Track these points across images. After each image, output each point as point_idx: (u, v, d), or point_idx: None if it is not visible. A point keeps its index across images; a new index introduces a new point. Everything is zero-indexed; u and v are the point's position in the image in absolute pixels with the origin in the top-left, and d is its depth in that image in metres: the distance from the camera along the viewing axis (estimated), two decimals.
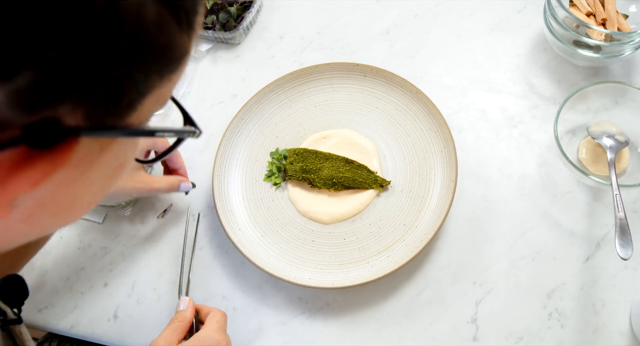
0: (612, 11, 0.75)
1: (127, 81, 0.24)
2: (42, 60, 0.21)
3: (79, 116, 0.23)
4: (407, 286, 0.69)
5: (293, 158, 0.73)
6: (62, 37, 0.21)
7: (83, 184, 0.28)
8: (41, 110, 0.22)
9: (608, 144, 0.71)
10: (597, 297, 0.67)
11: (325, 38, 0.86)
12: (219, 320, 0.58)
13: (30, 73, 0.21)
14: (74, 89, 0.22)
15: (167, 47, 0.25)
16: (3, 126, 0.22)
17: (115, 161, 0.30)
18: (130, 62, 0.24)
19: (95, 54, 0.22)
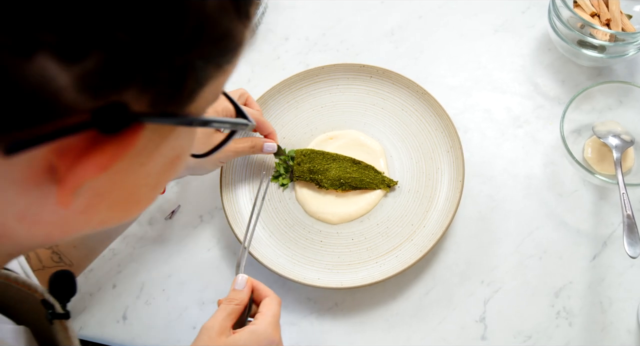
0: (616, 11, 0.76)
1: (189, 68, 0.24)
2: (111, 42, 0.21)
3: (144, 102, 0.23)
4: (415, 286, 0.69)
5: (300, 159, 0.73)
6: (131, 18, 0.21)
7: (140, 176, 0.28)
8: (108, 94, 0.22)
9: (614, 143, 0.71)
10: (605, 295, 0.67)
11: (331, 39, 0.87)
12: (275, 313, 0.55)
13: (99, 56, 0.21)
14: (141, 73, 0.22)
15: (225, 35, 0.25)
16: (71, 111, 0.21)
17: (172, 152, 0.29)
18: (192, 48, 0.23)
19: (161, 37, 0.22)
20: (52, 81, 0.20)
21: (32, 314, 0.43)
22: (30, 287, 0.43)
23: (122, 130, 0.23)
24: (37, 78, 0.20)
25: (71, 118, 0.21)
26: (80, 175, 0.23)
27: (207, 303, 0.70)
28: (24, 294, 0.43)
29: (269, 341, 0.52)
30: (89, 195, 0.26)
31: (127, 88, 0.22)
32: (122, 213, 0.30)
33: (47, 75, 0.20)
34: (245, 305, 0.56)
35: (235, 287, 0.57)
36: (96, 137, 0.23)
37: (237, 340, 0.52)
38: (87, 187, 0.25)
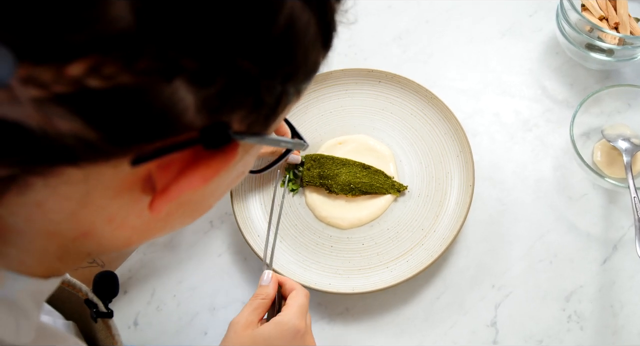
0: (625, 15, 0.76)
1: (284, 94, 0.26)
2: (234, 69, 0.23)
3: (246, 123, 0.26)
4: (426, 291, 0.69)
5: (310, 164, 0.73)
6: (254, 48, 0.23)
7: (214, 188, 0.30)
8: (221, 115, 0.24)
9: (624, 147, 0.71)
10: (616, 299, 0.67)
11: (338, 44, 0.86)
12: (301, 304, 0.55)
13: (222, 81, 0.23)
14: (252, 98, 0.24)
15: (314, 65, 0.28)
16: (185, 128, 0.23)
17: (242, 167, 0.31)
18: (293, 77, 0.26)
19: (274, 66, 0.24)
20: (180, 102, 0.22)
21: (75, 314, 0.45)
22: (74, 287, 0.44)
23: (224, 147, 0.25)
24: (169, 99, 0.22)
25: (184, 135, 0.23)
26: (184, 186, 0.25)
27: (218, 308, 0.70)
28: (68, 293, 0.44)
29: (294, 330, 0.53)
30: (173, 204, 0.27)
31: (238, 110, 0.25)
32: (189, 218, 0.32)
33: (178, 97, 0.22)
34: (271, 299, 0.57)
35: (262, 283, 0.58)
36: (199, 152, 0.25)
37: (262, 332, 0.52)
38: None
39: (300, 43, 0.25)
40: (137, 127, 0.22)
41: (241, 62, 0.23)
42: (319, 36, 0.26)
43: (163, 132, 0.23)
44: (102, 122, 0.21)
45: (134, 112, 0.21)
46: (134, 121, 0.21)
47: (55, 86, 0.19)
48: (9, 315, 0.27)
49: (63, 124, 0.20)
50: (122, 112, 0.21)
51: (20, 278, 0.28)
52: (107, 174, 0.24)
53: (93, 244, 0.28)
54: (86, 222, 0.26)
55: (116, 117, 0.21)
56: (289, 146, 0.34)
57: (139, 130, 0.22)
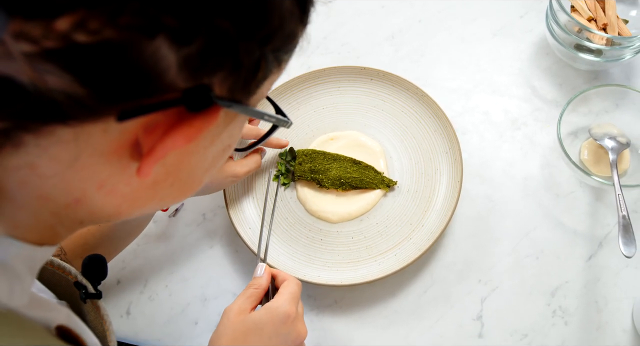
0: (613, 16, 0.77)
1: (263, 59, 0.27)
2: (213, 29, 0.23)
3: (226, 86, 0.26)
4: (413, 284, 0.70)
5: (302, 159, 0.74)
6: (231, 8, 0.24)
7: (202, 158, 0.31)
8: (202, 76, 0.25)
9: (610, 146, 0.72)
10: (600, 295, 0.68)
11: (332, 43, 0.88)
12: (292, 291, 0.57)
13: (202, 40, 0.23)
14: (231, 59, 0.25)
15: (291, 34, 0.28)
16: (169, 88, 0.24)
17: (228, 140, 0.32)
18: (270, 41, 0.27)
19: (252, 27, 0.25)
20: (162, 60, 0.23)
21: (66, 296, 0.45)
22: (64, 270, 0.45)
23: (205, 110, 0.26)
24: (152, 56, 0.23)
25: (167, 95, 0.25)
26: (168, 145, 0.26)
27: (210, 299, 0.71)
28: (58, 277, 0.45)
29: (284, 315, 0.54)
30: (160, 171, 0.29)
31: (218, 71, 0.25)
32: (178, 192, 0.32)
33: (160, 55, 0.23)
34: (264, 289, 0.59)
35: (255, 275, 0.60)
36: (182, 114, 0.26)
37: (253, 317, 0.54)
38: (161, 164, 0.28)
39: (276, 8, 0.26)
40: (122, 84, 0.23)
41: (219, 21, 0.24)
42: (295, 7, 0.27)
43: (147, 89, 0.24)
44: (89, 78, 0.22)
45: (119, 68, 0.22)
46: (119, 77, 0.23)
47: (45, 41, 0.21)
48: (2, 277, 0.28)
49: (53, 80, 0.22)
50: (107, 68, 0.22)
51: (14, 243, 0.29)
52: (96, 136, 0.25)
53: (85, 211, 0.29)
54: (77, 188, 0.27)
55: (102, 73, 0.22)
56: (272, 121, 0.34)
57: (124, 87, 0.23)
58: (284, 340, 0.54)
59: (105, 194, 0.28)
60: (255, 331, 0.54)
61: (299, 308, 0.57)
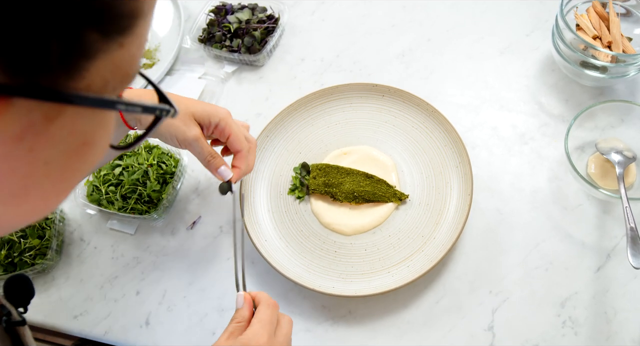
0: (617, 34, 0.80)
1: (46, 33, 0.21)
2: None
3: (12, 73, 0.21)
4: (426, 295, 0.72)
5: (316, 173, 0.77)
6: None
7: (34, 164, 0.25)
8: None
9: (616, 160, 0.74)
10: (609, 306, 0.70)
11: (344, 60, 0.91)
12: (262, 318, 0.55)
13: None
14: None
15: (108, 7, 0.23)
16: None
17: (74, 137, 0.26)
18: (44, 6, 0.21)
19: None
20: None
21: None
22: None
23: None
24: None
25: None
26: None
27: (226, 309, 0.73)
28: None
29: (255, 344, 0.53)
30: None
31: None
32: (24, 209, 0.27)
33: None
34: (247, 320, 0.56)
35: (237, 307, 0.58)
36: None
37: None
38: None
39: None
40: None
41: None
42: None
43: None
44: None
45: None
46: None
47: None
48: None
49: None
50: None
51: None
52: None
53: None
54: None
55: None
56: (137, 110, 0.27)
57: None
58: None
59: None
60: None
61: (278, 330, 0.56)
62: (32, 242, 0.74)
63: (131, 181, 0.76)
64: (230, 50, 0.90)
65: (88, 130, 0.26)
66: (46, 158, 0.25)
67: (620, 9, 0.83)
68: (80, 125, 0.26)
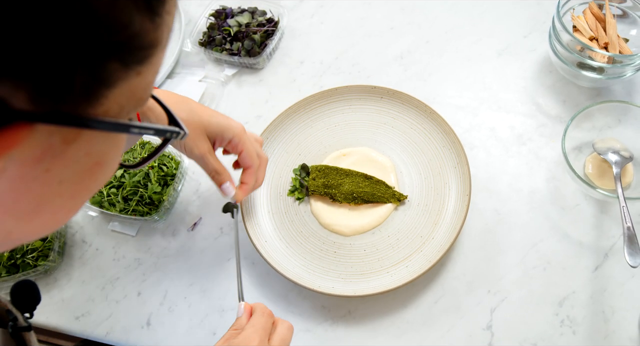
0: (614, 35, 0.81)
1: (72, 63, 0.22)
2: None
3: (23, 99, 0.22)
4: (424, 295, 0.72)
5: (315, 175, 0.77)
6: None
7: (49, 183, 0.26)
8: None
9: (613, 159, 0.75)
10: (607, 305, 0.70)
11: (343, 63, 0.92)
12: (254, 324, 0.56)
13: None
14: (7, 67, 0.21)
15: (120, 29, 0.23)
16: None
17: (89, 158, 0.27)
18: (72, 40, 0.22)
19: (27, 27, 0.20)
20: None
21: (4, 323, 0.44)
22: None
23: (3, 128, 0.22)
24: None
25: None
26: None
27: (227, 310, 0.73)
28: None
29: None
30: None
31: (7, 82, 0.21)
32: (35, 225, 0.28)
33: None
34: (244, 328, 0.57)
35: (238, 316, 0.59)
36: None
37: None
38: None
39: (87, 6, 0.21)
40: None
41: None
42: (131, 4, 0.23)
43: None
44: None
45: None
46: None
47: None
48: None
49: None
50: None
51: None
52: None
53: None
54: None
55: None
56: (150, 133, 0.29)
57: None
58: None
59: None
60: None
61: (276, 333, 0.57)
62: (35, 244, 0.75)
63: (132, 183, 0.77)
64: (230, 53, 0.91)
65: (102, 151, 0.28)
66: (61, 178, 0.26)
67: (617, 11, 0.84)
68: (95, 147, 0.27)
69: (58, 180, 0.26)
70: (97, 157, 0.28)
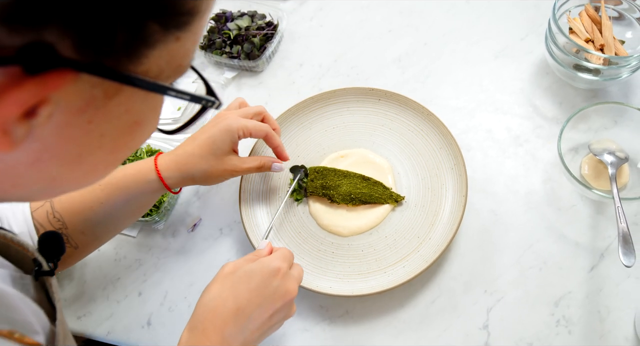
0: (610, 37, 0.81)
1: (114, 17, 0.24)
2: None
3: (69, 47, 0.24)
4: (421, 295, 0.73)
5: (314, 176, 0.78)
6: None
7: (91, 134, 0.28)
8: (26, 32, 0.23)
9: (609, 160, 0.76)
10: (603, 305, 0.71)
11: (342, 65, 0.93)
12: (284, 253, 0.61)
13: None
14: (57, 13, 0.23)
15: (174, 5, 0.26)
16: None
17: (128, 116, 0.29)
18: (129, 6, 0.24)
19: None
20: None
21: (30, 271, 0.47)
22: (24, 246, 0.47)
23: (47, 72, 0.24)
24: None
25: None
26: (1, 112, 0.24)
27: None
28: (22, 255, 0.47)
29: (274, 268, 0.58)
30: (37, 147, 0.27)
31: (44, 26, 0.23)
32: (77, 174, 0.30)
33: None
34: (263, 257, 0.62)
35: (258, 248, 0.64)
36: (20, 75, 0.23)
37: (244, 267, 0.58)
38: (33, 138, 0.26)
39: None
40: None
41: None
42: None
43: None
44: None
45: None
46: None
47: None
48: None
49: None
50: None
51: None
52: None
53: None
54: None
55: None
56: (187, 99, 0.31)
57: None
58: (272, 292, 0.57)
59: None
60: (244, 280, 0.57)
61: (293, 271, 0.61)
62: None
63: None
64: (230, 56, 0.92)
65: (140, 110, 0.30)
66: (102, 131, 0.28)
67: (613, 13, 0.84)
68: (135, 106, 0.29)
69: (99, 133, 0.28)
70: (136, 116, 0.30)
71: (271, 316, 0.58)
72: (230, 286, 0.57)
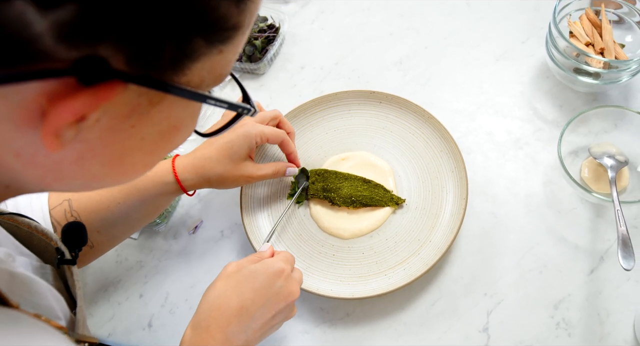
0: (610, 41, 0.81)
1: (165, 35, 0.26)
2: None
3: (121, 61, 0.26)
4: (422, 298, 0.73)
5: (315, 178, 0.79)
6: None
7: (133, 138, 0.30)
8: (83, 46, 0.24)
9: (609, 164, 0.76)
10: (602, 307, 0.71)
11: (343, 68, 0.93)
12: (286, 255, 0.62)
13: (73, 7, 0.23)
14: (113, 31, 0.24)
15: (209, 11, 0.27)
16: (50, 57, 0.24)
17: (168, 121, 0.31)
18: (168, 16, 0.25)
19: (136, 2, 0.24)
20: (29, 26, 0.23)
21: (51, 260, 0.49)
22: (47, 235, 0.48)
23: (99, 83, 0.26)
24: (16, 21, 0.22)
25: (54, 64, 0.24)
26: (56, 118, 0.25)
27: None
28: (45, 243, 0.48)
29: (278, 269, 0.59)
30: (81, 147, 0.29)
31: (100, 42, 0.25)
32: (116, 172, 0.32)
33: (25, 20, 0.23)
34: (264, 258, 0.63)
35: (260, 250, 0.65)
36: (75, 86, 0.25)
37: (249, 267, 0.59)
38: (79, 139, 0.28)
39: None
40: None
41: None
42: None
43: (21, 56, 0.24)
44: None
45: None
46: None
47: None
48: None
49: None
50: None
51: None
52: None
53: (8, 177, 0.31)
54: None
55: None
56: (224, 106, 0.33)
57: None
58: (275, 293, 0.58)
59: (24, 163, 0.29)
60: (249, 280, 0.58)
61: (295, 273, 0.62)
62: None
63: None
64: None
65: (180, 117, 0.32)
66: (143, 135, 0.31)
67: (613, 16, 0.84)
68: (175, 112, 0.31)
69: (140, 137, 0.31)
70: (175, 121, 0.32)
71: (273, 317, 0.59)
72: (234, 285, 0.57)
